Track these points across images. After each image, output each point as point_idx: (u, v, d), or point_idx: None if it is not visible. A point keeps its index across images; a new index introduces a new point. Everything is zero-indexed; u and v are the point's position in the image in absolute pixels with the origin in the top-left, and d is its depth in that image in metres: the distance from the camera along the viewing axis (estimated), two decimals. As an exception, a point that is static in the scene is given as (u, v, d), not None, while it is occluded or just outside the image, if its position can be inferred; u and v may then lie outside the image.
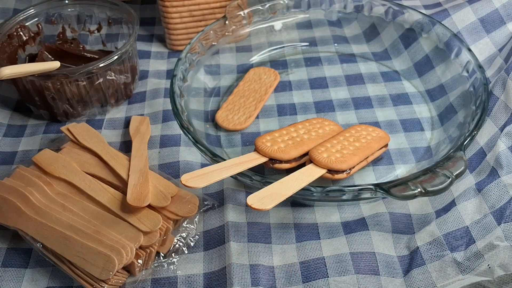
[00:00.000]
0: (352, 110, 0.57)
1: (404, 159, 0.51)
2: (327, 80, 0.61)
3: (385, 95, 0.59)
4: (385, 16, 0.63)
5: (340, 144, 0.48)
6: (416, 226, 0.45)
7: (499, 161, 0.45)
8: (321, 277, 0.41)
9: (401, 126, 0.55)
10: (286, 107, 0.58)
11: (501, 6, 0.59)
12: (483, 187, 0.44)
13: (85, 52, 0.61)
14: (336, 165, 0.45)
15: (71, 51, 0.60)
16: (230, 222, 0.45)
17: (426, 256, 0.42)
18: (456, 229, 0.42)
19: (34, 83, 0.53)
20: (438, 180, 0.41)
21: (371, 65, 0.63)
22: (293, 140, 0.48)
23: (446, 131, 0.53)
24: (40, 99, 0.55)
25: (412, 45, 0.61)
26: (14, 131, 0.57)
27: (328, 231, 0.45)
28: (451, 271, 0.40)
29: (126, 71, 0.58)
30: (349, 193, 0.42)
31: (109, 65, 0.54)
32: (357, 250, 0.42)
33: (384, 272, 0.41)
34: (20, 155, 0.54)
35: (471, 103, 0.50)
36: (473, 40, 0.59)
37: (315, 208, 0.47)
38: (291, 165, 0.47)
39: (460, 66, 0.55)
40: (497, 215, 0.42)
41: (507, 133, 0.47)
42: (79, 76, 0.53)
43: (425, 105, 0.57)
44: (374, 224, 0.45)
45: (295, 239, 0.44)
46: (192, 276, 0.42)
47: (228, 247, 0.43)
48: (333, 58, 0.64)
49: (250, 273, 0.41)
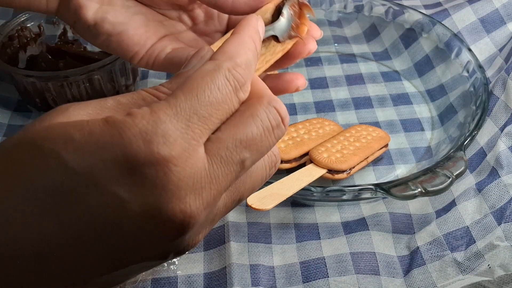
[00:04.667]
0: (352, 110, 0.57)
1: (404, 159, 0.51)
2: (327, 80, 0.61)
3: (385, 95, 0.59)
4: (385, 16, 0.63)
5: (340, 144, 0.48)
6: (416, 226, 0.45)
7: (500, 161, 0.45)
8: (321, 277, 0.41)
9: (401, 126, 0.55)
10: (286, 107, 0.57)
11: (501, 6, 0.59)
12: (483, 187, 0.44)
13: (86, 53, 0.61)
14: (336, 165, 0.45)
15: (72, 52, 0.61)
16: (230, 222, 0.45)
17: (426, 256, 0.41)
18: (456, 229, 0.42)
19: (35, 84, 0.54)
20: (438, 180, 0.41)
21: (371, 65, 0.63)
22: (293, 140, 0.48)
23: (446, 131, 0.53)
24: (41, 100, 0.55)
25: (412, 45, 0.61)
26: (14, 131, 0.57)
27: (328, 231, 0.45)
28: (451, 271, 0.40)
29: (127, 72, 0.58)
30: (349, 193, 0.42)
31: (110, 66, 0.54)
32: (357, 250, 0.42)
33: (384, 272, 0.41)
34: (21, 156, 0.54)
35: (471, 103, 0.50)
36: (473, 40, 0.59)
37: (315, 208, 0.47)
38: (291, 165, 0.47)
39: (460, 66, 0.55)
40: (497, 215, 0.42)
41: (507, 133, 0.47)
42: (80, 78, 0.53)
43: (425, 105, 0.57)
44: (374, 224, 0.45)
45: (295, 239, 0.44)
46: (192, 276, 0.42)
47: (228, 247, 0.43)
48: (333, 58, 0.64)
49: (250, 273, 0.41)
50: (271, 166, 0.28)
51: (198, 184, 0.23)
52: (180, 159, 0.22)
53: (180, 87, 0.23)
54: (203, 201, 0.23)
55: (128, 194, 0.22)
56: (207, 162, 0.23)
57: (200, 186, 0.23)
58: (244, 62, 0.25)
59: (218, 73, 0.24)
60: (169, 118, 0.22)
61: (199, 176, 0.23)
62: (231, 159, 0.24)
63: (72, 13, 0.38)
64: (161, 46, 0.38)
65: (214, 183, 0.23)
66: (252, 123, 0.24)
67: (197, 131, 0.23)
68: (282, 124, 0.25)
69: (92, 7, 0.38)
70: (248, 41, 0.26)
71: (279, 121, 0.25)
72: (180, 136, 0.22)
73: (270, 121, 0.25)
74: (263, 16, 0.32)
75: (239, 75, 0.24)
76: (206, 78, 0.24)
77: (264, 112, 0.25)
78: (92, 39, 0.39)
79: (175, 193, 0.22)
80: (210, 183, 0.23)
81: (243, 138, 0.24)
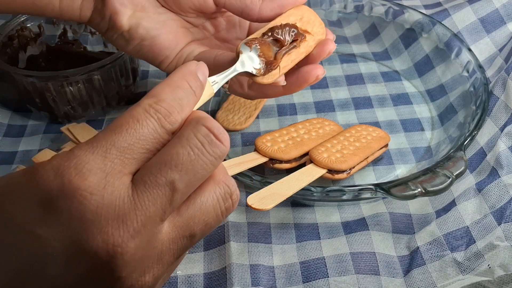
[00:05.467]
0: (352, 110, 0.57)
1: (404, 159, 0.51)
2: (327, 80, 0.61)
3: (385, 95, 0.59)
4: (385, 16, 0.63)
5: (340, 144, 0.48)
6: (416, 226, 0.45)
7: (499, 161, 0.45)
8: (321, 277, 0.41)
9: (401, 126, 0.55)
10: (286, 107, 0.58)
11: (501, 6, 0.59)
12: (483, 187, 0.44)
13: (86, 53, 0.61)
14: (336, 165, 0.45)
15: (72, 52, 0.61)
16: (230, 222, 0.45)
17: (426, 256, 0.41)
18: (456, 229, 0.42)
19: (35, 84, 0.54)
20: (438, 180, 0.41)
21: (371, 65, 0.63)
22: (293, 140, 0.48)
23: (446, 131, 0.53)
24: (41, 100, 0.55)
25: (412, 45, 0.61)
26: (14, 131, 0.57)
27: (328, 231, 0.45)
28: (451, 271, 0.40)
29: (127, 72, 0.58)
30: (349, 193, 0.42)
31: (110, 66, 0.54)
32: (357, 250, 0.42)
33: (384, 272, 0.41)
34: (20, 155, 0.54)
35: (471, 103, 0.50)
36: (473, 40, 0.59)
37: (315, 208, 0.47)
38: (291, 165, 0.47)
39: (460, 66, 0.55)
40: (497, 215, 0.42)
41: (507, 133, 0.47)
42: (80, 78, 0.53)
43: (425, 105, 0.57)
44: (374, 224, 0.45)
45: (295, 239, 0.44)
46: (192, 276, 0.42)
47: (228, 247, 0.43)
48: (333, 58, 0.64)
49: (250, 273, 0.41)
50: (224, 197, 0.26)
51: (121, 211, 0.22)
52: (97, 187, 0.22)
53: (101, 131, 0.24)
54: (128, 228, 0.22)
55: (46, 231, 0.21)
56: (130, 189, 0.23)
57: (124, 213, 0.22)
58: (170, 97, 0.25)
59: (137, 107, 0.24)
60: (83, 152, 0.22)
61: (121, 203, 0.22)
62: (156, 182, 0.23)
63: (107, 20, 0.40)
64: (189, 49, 0.40)
65: (140, 209, 0.22)
66: (177, 144, 0.24)
67: (116, 161, 0.22)
68: (216, 141, 0.24)
69: (126, 13, 0.39)
70: (178, 80, 0.26)
71: (211, 138, 0.24)
72: (96, 166, 0.22)
73: (198, 138, 0.24)
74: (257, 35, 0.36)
75: (160, 107, 0.24)
76: (125, 114, 0.24)
77: (191, 132, 0.24)
78: (124, 45, 0.41)
79: (94, 223, 0.21)
80: (135, 209, 0.22)
81: (167, 160, 0.23)
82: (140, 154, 0.23)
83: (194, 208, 0.25)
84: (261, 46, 0.35)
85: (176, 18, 0.41)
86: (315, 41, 0.38)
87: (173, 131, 0.25)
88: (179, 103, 0.25)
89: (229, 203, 0.26)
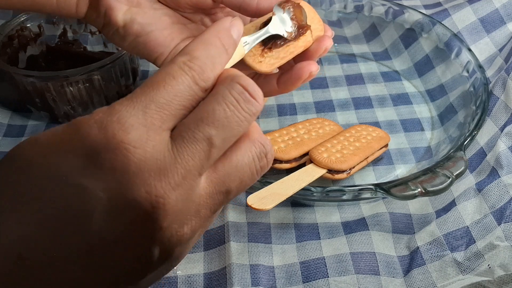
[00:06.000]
0: (352, 110, 0.57)
1: (404, 159, 0.51)
2: (327, 80, 0.61)
3: (385, 95, 0.59)
4: (385, 16, 0.63)
5: (340, 144, 0.48)
6: (416, 226, 0.45)
7: (499, 161, 0.45)
8: (321, 277, 0.41)
9: (401, 126, 0.55)
10: (286, 107, 0.58)
11: (501, 6, 0.59)
12: (483, 187, 0.44)
13: (86, 53, 0.61)
14: (336, 165, 0.45)
15: (72, 52, 0.61)
16: (230, 222, 0.45)
17: (426, 256, 0.42)
18: (456, 229, 0.42)
19: (35, 84, 0.54)
20: (438, 180, 0.41)
21: (371, 65, 0.63)
22: (293, 140, 0.48)
23: (446, 131, 0.53)
24: (41, 100, 0.55)
25: (412, 45, 0.61)
26: (14, 131, 0.57)
27: (328, 231, 0.45)
28: (451, 271, 0.40)
29: (127, 72, 0.58)
30: (349, 193, 0.42)
31: (110, 66, 0.54)
32: (357, 250, 0.42)
33: (384, 272, 0.41)
34: (21, 156, 0.54)
35: (471, 103, 0.50)
36: (473, 40, 0.59)
37: (315, 208, 0.47)
38: (291, 165, 0.47)
39: (460, 66, 0.55)
40: (497, 215, 0.42)
41: (507, 133, 0.47)
42: (80, 78, 0.53)
43: (425, 105, 0.57)
44: (374, 224, 0.45)
45: (295, 239, 0.44)
46: (192, 276, 0.42)
47: (228, 247, 0.43)
48: (333, 58, 0.64)
49: (250, 273, 0.41)
50: (260, 156, 0.26)
51: (162, 165, 0.23)
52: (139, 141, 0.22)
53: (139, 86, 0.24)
54: (169, 181, 0.23)
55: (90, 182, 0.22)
56: (170, 144, 0.23)
57: (165, 166, 0.23)
58: (204, 55, 0.25)
59: (172, 65, 0.24)
60: (124, 107, 0.23)
61: (162, 157, 0.23)
62: (194, 137, 0.24)
63: (102, 16, 0.40)
64: (184, 45, 0.39)
65: (180, 162, 0.23)
66: (213, 101, 0.24)
67: (156, 117, 0.23)
68: (251, 98, 0.25)
69: (121, 9, 0.39)
70: (211, 38, 0.26)
71: (245, 95, 0.25)
72: (137, 121, 0.23)
73: (233, 96, 0.25)
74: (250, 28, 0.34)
75: (194, 65, 0.25)
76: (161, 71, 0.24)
77: (226, 89, 0.25)
78: (120, 41, 0.40)
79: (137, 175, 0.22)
80: (175, 163, 0.23)
81: (204, 116, 0.24)
82: (177, 111, 0.24)
83: (230, 165, 0.26)
84: (294, 9, 0.34)
85: (173, 14, 0.41)
86: (313, 37, 0.38)
87: (206, 89, 0.25)
88: (211, 60, 0.25)
89: (264, 162, 0.27)
